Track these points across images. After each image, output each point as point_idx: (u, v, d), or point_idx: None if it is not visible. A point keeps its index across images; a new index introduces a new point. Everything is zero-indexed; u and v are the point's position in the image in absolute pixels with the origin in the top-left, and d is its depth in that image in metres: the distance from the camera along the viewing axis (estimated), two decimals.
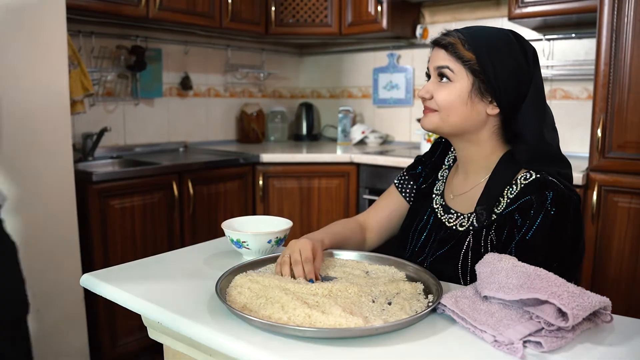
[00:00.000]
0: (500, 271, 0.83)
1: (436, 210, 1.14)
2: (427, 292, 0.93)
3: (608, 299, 0.78)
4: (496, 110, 1.01)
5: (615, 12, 1.95)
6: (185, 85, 3.16)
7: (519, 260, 0.85)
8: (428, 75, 1.07)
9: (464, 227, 1.06)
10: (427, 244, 1.13)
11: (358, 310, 0.84)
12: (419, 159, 1.29)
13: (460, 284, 1.03)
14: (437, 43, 1.03)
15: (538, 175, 1.00)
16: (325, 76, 3.80)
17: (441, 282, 0.94)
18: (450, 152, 1.22)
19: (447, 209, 1.12)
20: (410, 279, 1.00)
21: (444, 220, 1.11)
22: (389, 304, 0.88)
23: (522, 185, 1.00)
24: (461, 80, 1.00)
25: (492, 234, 1.01)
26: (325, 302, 0.84)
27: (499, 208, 1.02)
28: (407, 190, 1.27)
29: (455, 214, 1.10)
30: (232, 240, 1.15)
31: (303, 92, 3.94)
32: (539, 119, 1.02)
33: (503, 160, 1.04)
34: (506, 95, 0.99)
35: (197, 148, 3.17)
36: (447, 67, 1.00)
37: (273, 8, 3.13)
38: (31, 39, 1.84)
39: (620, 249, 2.00)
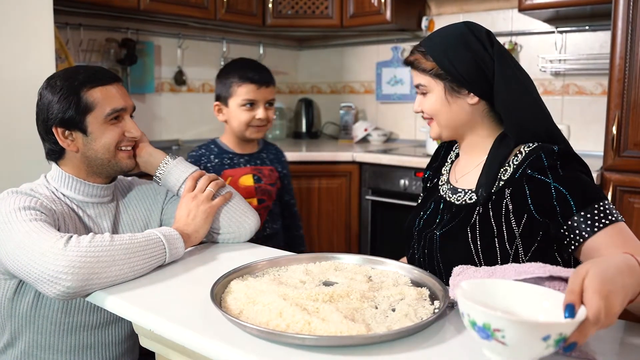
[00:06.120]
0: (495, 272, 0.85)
1: (444, 195, 1.22)
2: (432, 297, 0.93)
3: None
4: (475, 99, 1.13)
5: (632, 3, 1.95)
6: (178, 80, 3.16)
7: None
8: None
9: (473, 200, 1.13)
10: (440, 223, 1.19)
11: (360, 317, 0.84)
12: (427, 166, 1.39)
13: (471, 250, 1.08)
14: (404, 62, 1.20)
15: (540, 143, 1.12)
16: (325, 71, 3.80)
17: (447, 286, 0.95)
18: (452, 151, 1.32)
19: (454, 190, 1.20)
20: (415, 283, 1.00)
21: (452, 200, 1.18)
22: (393, 310, 0.88)
23: (527, 151, 1.10)
24: (434, 88, 1.15)
25: (508, 199, 1.08)
26: (326, 309, 0.84)
27: (505, 175, 1.10)
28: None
29: (462, 191, 1.17)
30: (472, 323, 0.68)
31: (302, 88, 3.94)
32: (511, 93, 1.11)
33: (497, 140, 1.15)
34: (476, 84, 1.11)
35: (191, 146, 3.16)
36: (420, 84, 1.16)
37: None
38: (16, 32, 1.85)
39: None
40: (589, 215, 0.99)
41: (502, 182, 1.10)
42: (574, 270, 0.80)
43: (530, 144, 1.12)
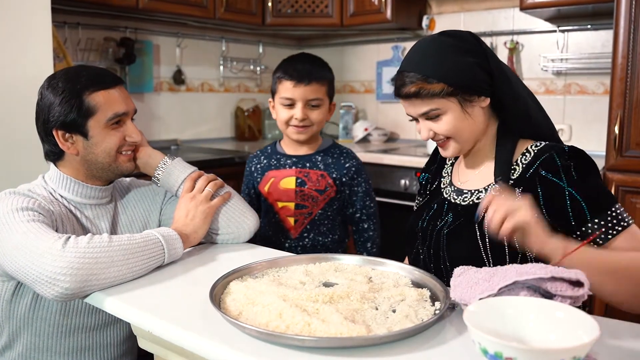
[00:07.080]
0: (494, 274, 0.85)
1: (448, 197, 1.21)
2: (433, 298, 0.93)
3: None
4: (487, 100, 1.11)
5: (634, 2, 1.95)
6: (177, 79, 3.16)
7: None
8: (414, 118, 1.15)
9: (482, 199, 1.12)
10: (445, 223, 1.18)
11: (360, 318, 0.84)
12: (423, 169, 1.38)
13: (479, 247, 1.08)
14: (405, 96, 1.10)
15: (548, 142, 1.12)
16: None
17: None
18: None
19: (459, 192, 1.19)
20: (416, 284, 1.00)
21: (458, 202, 1.18)
22: (393, 311, 0.88)
23: (536, 151, 1.10)
24: (448, 108, 1.09)
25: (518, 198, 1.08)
26: (326, 310, 0.84)
27: (514, 175, 1.11)
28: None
29: (469, 192, 1.17)
30: (484, 351, 0.68)
31: None
32: (512, 82, 1.12)
33: (501, 133, 1.16)
34: (483, 84, 1.09)
35: (189, 146, 3.17)
36: (432, 110, 1.09)
37: None
38: (14, 31, 1.84)
39: None
40: (602, 223, 1.00)
41: (511, 182, 1.10)
42: (575, 271, 0.80)
43: (538, 143, 1.11)
